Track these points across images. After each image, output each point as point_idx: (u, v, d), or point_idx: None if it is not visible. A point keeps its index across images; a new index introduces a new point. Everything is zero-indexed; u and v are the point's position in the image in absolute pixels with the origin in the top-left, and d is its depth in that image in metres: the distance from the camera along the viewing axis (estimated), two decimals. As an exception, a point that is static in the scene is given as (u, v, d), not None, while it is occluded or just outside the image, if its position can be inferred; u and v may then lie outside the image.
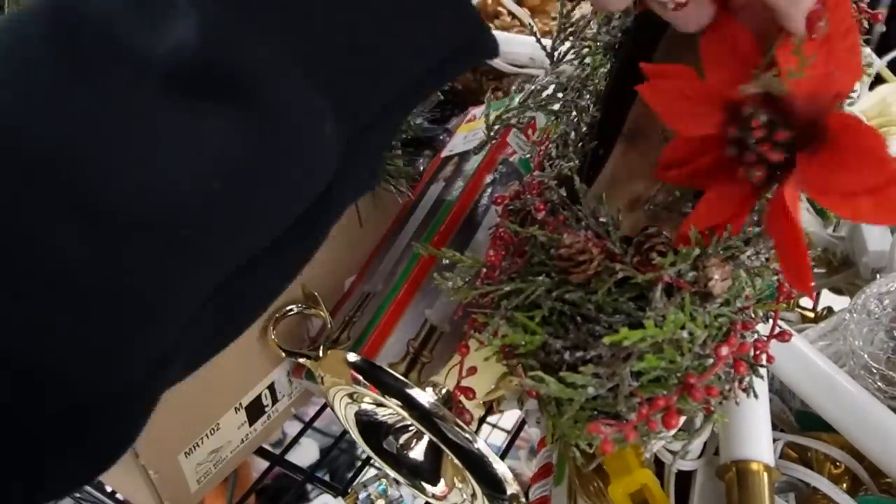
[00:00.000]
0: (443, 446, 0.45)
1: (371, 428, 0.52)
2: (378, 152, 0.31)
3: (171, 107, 0.22)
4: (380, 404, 0.50)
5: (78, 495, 0.59)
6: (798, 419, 0.55)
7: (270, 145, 0.24)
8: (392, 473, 0.53)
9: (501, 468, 0.44)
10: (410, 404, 0.44)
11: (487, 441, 1.08)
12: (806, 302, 0.65)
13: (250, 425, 0.55)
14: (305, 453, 1.11)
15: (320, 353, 0.53)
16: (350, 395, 0.50)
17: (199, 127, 0.23)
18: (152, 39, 0.22)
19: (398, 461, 0.53)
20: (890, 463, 0.44)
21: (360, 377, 0.46)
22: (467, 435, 0.44)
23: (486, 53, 0.30)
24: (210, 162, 0.23)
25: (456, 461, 0.45)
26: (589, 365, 0.34)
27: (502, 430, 0.96)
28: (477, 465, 0.44)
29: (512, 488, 0.44)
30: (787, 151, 0.31)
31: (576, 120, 0.47)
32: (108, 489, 0.57)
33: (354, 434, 0.53)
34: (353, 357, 0.47)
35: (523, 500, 0.46)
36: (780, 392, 0.58)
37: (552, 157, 0.46)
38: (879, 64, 0.84)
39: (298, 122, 0.25)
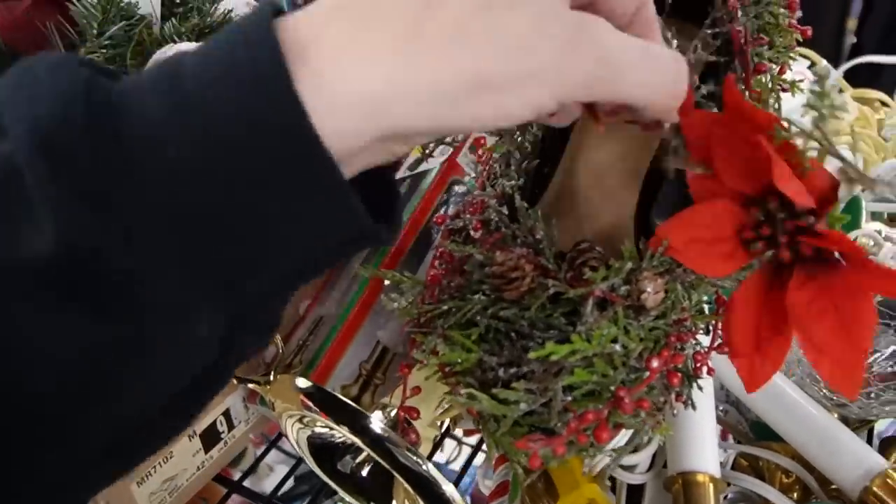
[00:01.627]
0: (392, 470, 0.45)
1: (324, 451, 0.52)
2: (265, 326, 0.30)
3: (34, 308, 0.23)
4: (331, 428, 0.50)
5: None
6: (753, 430, 0.55)
7: (138, 344, 0.24)
8: (346, 497, 0.53)
9: (450, 489, 0.44)
10: (359, 429, 0.45)
11: (458, 456, 1.07)
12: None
13: (206, 452, 0.55)
14: (278, 478, 1.10)
15: (270, 378, 0.52)
16: (301, 420, 0.50)
17: (64, 329, 0.23)
18: (11, 241, 0.23)
19: (352, 482, 0.53)
20: (834, 469, 0.45)
21: (310, 402, 0.46)
22: (416, 458, 0.44)
23: (378, 242, 0.29)
24: (75, 360, 0.24)
25: (405, 484, 0.45)
26: (522, 381, 0.35)
27: (469, 445, 0.96)
28: (426, 488, 0.45)
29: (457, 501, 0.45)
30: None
31: (518, 138, 0.47)
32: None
33: (307, 458, 0.53)
34: (302, 382, 0.47)
35: None
36: (737, 404, 0.58)
37: (496, 176, 0.46)
38: (836, 75, 0.86)
39: (168, 320, 0.25)
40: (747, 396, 0.50)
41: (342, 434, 0.47)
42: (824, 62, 0.86)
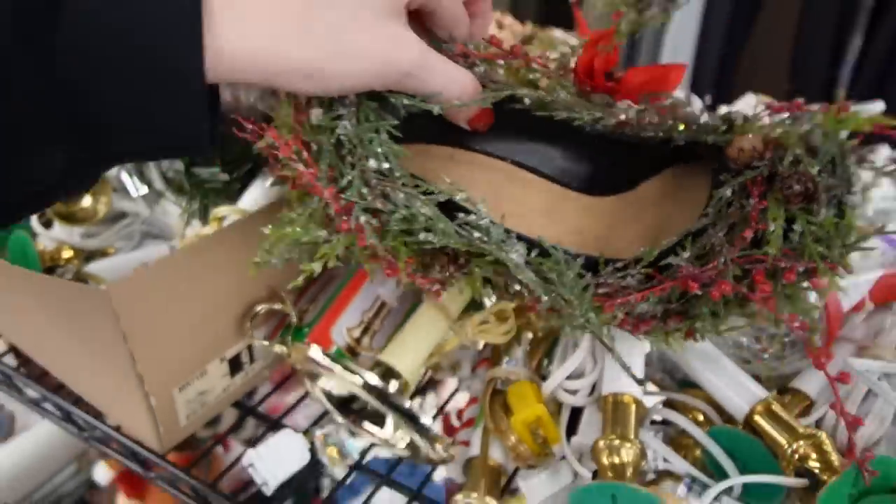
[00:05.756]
0: (385, 408, 0.57)
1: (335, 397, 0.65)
2: (87, 180, 0.42)
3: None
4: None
5: (86, 434, 0.70)
6: (679, 386, 0.67)
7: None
8: (350, 426, 0.65)
9: (427, 420, 0.57)
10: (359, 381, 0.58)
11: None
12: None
13: (231, 377, 0.67)
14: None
15: (289, 345, 0.65)
16: (314, 376, 0.63)
17: None
18: None
19: (358, 415, 0.65)
20: (728, 399, 0.57)
21: (321, 365, 0.59)
22: (401, 399, 0.57)
23: (200, 153, 0.45)
24: None
25: (395, 416, 0.58)
26: None
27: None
28: (410, 419, 0.57)
29: (433, 429, 0.57)
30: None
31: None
32: (113, 424, 0.68)
33: (324, 402, 0.65)
34: (313, 351, 0.60)
35: (446, 437, 0.59)
36: (671, 372, 0.70)
37: None
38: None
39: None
40: (678, 356, 0.63)
41: (347, 384, 0.59)
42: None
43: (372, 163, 0.48)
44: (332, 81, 0.43)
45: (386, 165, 0.48)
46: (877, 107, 0.99)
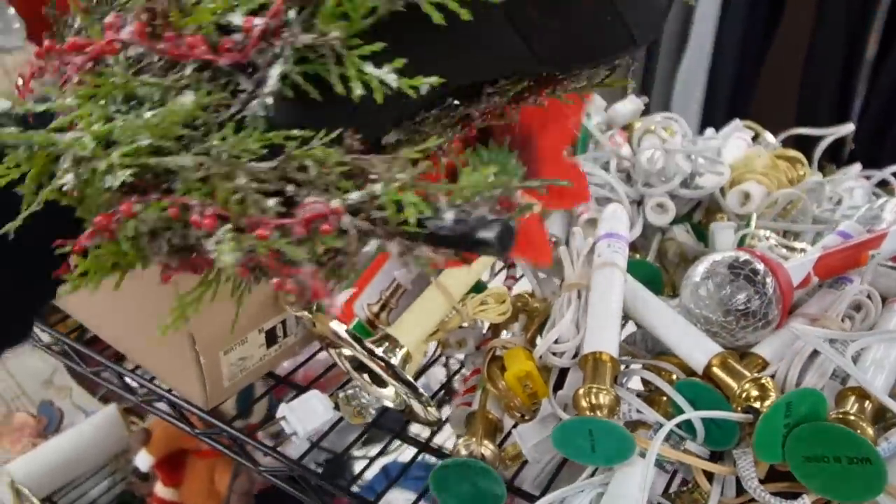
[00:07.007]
0: (387, 376, 0.67)
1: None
2: None
3: None
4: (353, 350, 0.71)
5: (138, 396, 0.81)
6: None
7: None
8: (363, 384, 0.74)
9: (423, 393, 0.67)
10: (368, 354, 0.67)
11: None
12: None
13: (267, 348, 0.77)
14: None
15: (314, 312, 0.75)
16: (334, 345, 0.73)
17: None
18: None
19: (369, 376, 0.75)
20: (690, 355, 0.66)
21: (339, 337, 0.69)
22: (403, 371, 0.66)
23: None
24: None
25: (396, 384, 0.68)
26: None
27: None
28: (410, 386, 0.67)
29: (426, 395, 0.67)
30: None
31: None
32: (166, 387, 0.78)
33: (343, 364, 0.76)
34: (335, 324, 0.70)
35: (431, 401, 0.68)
36: (652, 351, 0.80)
37: None
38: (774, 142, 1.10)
39: None
40: (652, 325, 0.72)
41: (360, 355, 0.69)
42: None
43: None
44: None
45: None
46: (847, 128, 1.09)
